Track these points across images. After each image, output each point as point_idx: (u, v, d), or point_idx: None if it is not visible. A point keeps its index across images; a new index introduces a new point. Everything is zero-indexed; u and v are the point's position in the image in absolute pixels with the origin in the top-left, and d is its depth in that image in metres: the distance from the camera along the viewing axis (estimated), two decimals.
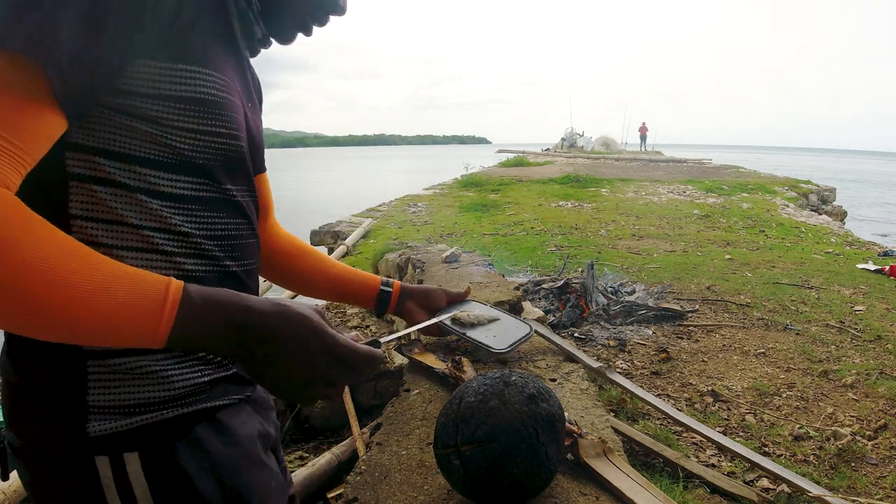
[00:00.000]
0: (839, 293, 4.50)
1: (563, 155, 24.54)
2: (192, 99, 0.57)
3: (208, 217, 0.64)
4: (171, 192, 0.60)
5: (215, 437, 0.65)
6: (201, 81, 0.58)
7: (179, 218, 0.61)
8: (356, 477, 0.97)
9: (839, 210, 11.75)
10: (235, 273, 0.68)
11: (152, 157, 0.58)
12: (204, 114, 0.59)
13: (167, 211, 0.60)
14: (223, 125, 0.61)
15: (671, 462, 2.19)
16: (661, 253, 5.85)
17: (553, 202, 9.61)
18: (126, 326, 0.47)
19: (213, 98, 0.59)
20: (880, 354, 3.32)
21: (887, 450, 2.39)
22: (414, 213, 8.52)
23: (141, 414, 0.59)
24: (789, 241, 6.70)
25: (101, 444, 0.58)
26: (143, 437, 0.59)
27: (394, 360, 3.01)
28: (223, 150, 0.63)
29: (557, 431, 0.83)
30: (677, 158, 22.54)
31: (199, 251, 0.63)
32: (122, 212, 0.57)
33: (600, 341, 3.48)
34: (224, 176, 0.65)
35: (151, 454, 0.59)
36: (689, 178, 13.58)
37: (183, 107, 0.57)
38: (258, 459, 0.70)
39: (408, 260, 3.69)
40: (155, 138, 0.57)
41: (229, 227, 0.67)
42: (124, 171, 0.57)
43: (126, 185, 0.57)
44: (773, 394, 2.88)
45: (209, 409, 0.64)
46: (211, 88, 0.59)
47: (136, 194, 0.58)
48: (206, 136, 0.60)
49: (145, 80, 0.54)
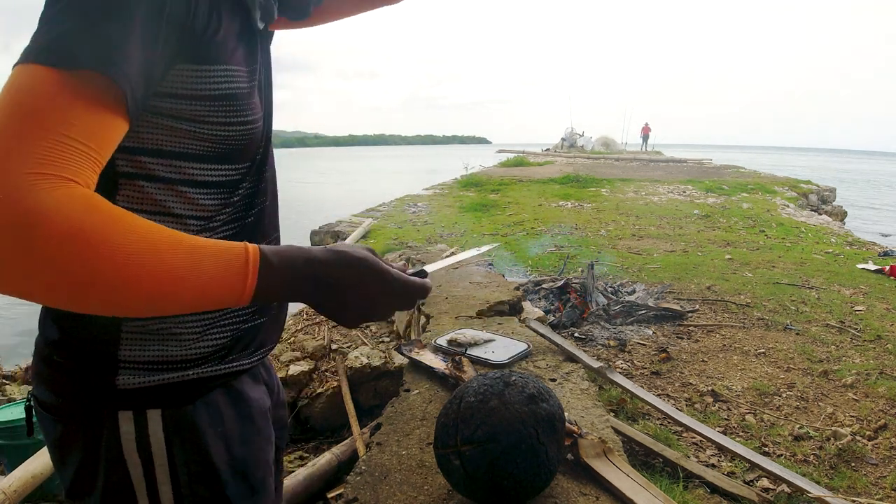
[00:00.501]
0: (839, 293, 4.50)
1: (563, 155, 24.54)
2: (222, 95, 0.62)
3: (240, 198, 0.70)
4: (207, 180, 0.66)
5: (231, 405, 0.70)
6: (227, 78, 0.63)
7: (216, 203, 0.67)
8: (356, 477, 0.97)
9: (839, 210, 11.75)
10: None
11: (190, 150, 0.63)
12: (232, 107, 0.64)
13: (204, 198, 0.66)
14: (249, 114, 0.66)
15: (671, 462, 2.19)
16: (661, 253, 5.85)
17: (553, 202, 9.61)
18: (219, 294, 0.53)
19: (238, 91, 0.64)
20: (880, 354, 3.32)
21: (887, 450, 2.39)
22: (414, 213, 8.52)
23: (166, 372, 0.64)
24: (789, 241, 6.70)
25: (127, 397, 0.63)
26: (166, 395, 0.64)
27: (394, 360, 3.01)
28: (249, 136, 0.68)
29: (557, 431, 0.82)
30: (677, 158, 22.55)
31: (233, 230, 0.69)
32: (166, 203, 0.63)
33: (600, 341, 3.49)
34: (249, 157, 0.70)
35: (172, 413, 0.64)
36: (689, 178, 13.59)
37: (215, 104, 0.62)
38: (267, 437, 0.75)
39: (408, 260, 3.69)
40: (192, 134, 0.62)
41: (257, 203, 0.73)
42: (165, 166, 0.62)
43: (167, 179, 0.63)
44: (773, 394, 2.88)
45: (228, 375, 0.69)
46: (234, 83, 0.63)
47: (177, 186, 0.63)
48: (236, 127, 0.65)
49: (180, 83, 0.59)
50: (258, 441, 0.72)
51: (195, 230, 0.66)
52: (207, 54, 0.60)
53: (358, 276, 0.60)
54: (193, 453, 0.65)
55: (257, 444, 0.72)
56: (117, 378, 0.62)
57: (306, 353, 3.25)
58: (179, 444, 0.64)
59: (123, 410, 0.63)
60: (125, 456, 0.62)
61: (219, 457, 0.66)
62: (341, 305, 0.61)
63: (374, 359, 3.13)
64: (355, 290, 0.60)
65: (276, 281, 0.56)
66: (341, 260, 0.60)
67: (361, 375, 3.03)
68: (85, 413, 0.63)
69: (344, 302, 0.60)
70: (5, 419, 2.44)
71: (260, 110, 0.70)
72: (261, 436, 0.73)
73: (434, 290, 2.32)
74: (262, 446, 0.73)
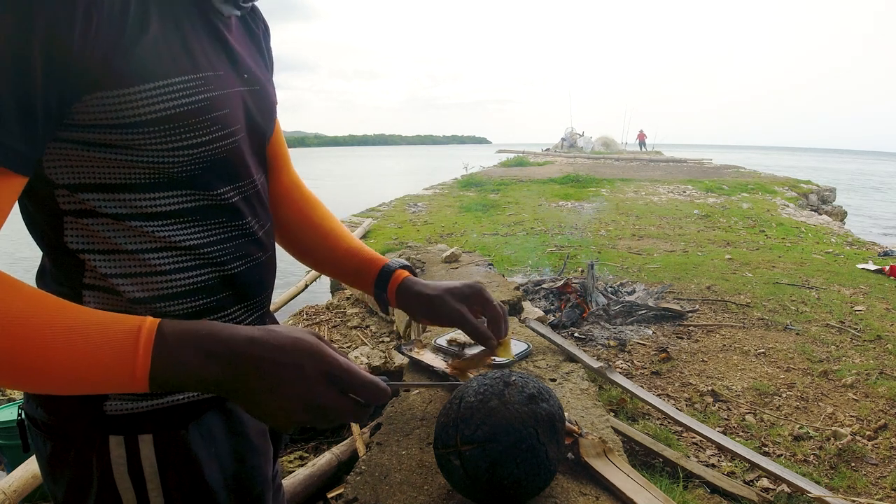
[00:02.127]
0: (839, 293, 4.50)
1: (563, 155, 24.54)
2: (158, 119, 0.53)
3: (206, 225, 0.62)
4: (158, 210, 0.58)
5: (225, 425, 0.67)
6: (162, 97, 0.53)
7: (175, 234, 0.60)
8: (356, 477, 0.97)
9: (839, 210, 11.75)
10: (241, 272, 0.67)
11: (135, 181, 0.56)
12: (174, 129, 0.55)
13: (161, 231, 0.59)
14: (202, 133, 0.57)
15: (671, 462, 2.19)
16: (661, 253, 5.85)
17: (553, 202, 9.61)
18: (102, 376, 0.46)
19: (180, 110, 0.55)
20: (880, 354, 3.32)
21: (887, 450, 2.39)
22: (414, 212, 8.52)
23: (155, 397, 0.61)
24: (789, 241, 6.70)
25: (116, 423, 0.60)
26: (156, 420, 0.61)
27: (394, 360, 3.01)
28: (208, 156, 0.59)
29: (558, 431, 0.83)
30: (677, 158, 22.54)
31: (201, 262, 0.63)
32: (115, 240, 0.57)
33: (600, 341, 3.49)
34: (216, 179, 0.62)
35: (164, 438, 0.61)
36: (689, 178, 13.59)
37: (149, 129, 0.53)
38: (263, 452, 0.72)
39: (408, 260, 3.70)
40: (132, 164, 0.55)
41: (231, 228, 0.65)
42: (107, 200, 0.56)
43: (113, 214, 0.56)
44: (773, 394, 2.88)
45: (220, 398, 0.65)
46: (174, 101, 0.54)
47: (126, 221, 0.57)
48: (184, 151, 0.57)
49: (101, 112, 0.51)
50: (254, 459, 0.70)
51: (166, 268, 0.59)
52: (128, 73, 0.50)
53: (293, 360, 0.50)
54: (187, 475, 0.63)
55: (253, 461, 0.69)
56: (105, 404, 0.60)
57: None
58: (172, 467, 0.62)
59: (114, 435, 0.60)
60: (116, 479, 0.60)
61: (213, 477, 0.64)
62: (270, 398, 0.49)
63: (374, 358, 3.13)
64: (287, 378, 0.49)
65: (176, 364, 0.47)
66: (271, 339, 0.50)
67: None
68: (75, 435, 0.61)
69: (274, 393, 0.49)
70: (5, 419, 2.44)
71: (230, 122, 0.60)
72: (257, 453, 0.70)
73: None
74: (259, 463, 0.70)
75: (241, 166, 0.65)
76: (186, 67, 0.55)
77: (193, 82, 0.55)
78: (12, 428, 2.41)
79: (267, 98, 0.70)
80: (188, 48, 0.56)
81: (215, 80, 0.58)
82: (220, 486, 0.65)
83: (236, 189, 0.65)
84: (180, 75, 0.54)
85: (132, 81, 0.51)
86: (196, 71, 0.56)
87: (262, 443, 0.72)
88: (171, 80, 0.53)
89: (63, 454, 0.61)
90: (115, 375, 0.46)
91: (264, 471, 0.72)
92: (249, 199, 0.67)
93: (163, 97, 0.53)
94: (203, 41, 0.59)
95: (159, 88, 0.52)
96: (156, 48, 0.52)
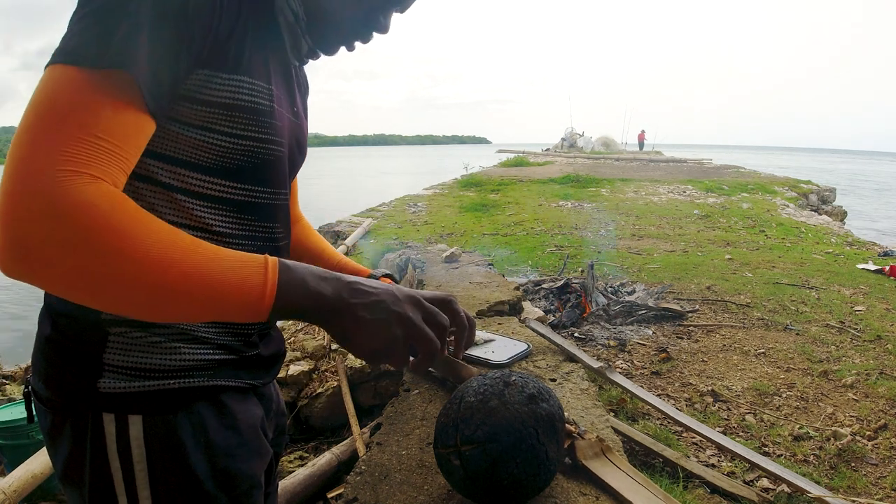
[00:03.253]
0: (839, 293, 4.50)
1: (563, 155, 24.54)
2: (236, 105, 0.62)
3: (240, 218, 0.69)
4: (205, 192, 0.65)
5: (216, 417, 0.68)
6: (242, 90, 0.63)
7: (212, 217, 0.66)
8: (356, 477, 0.97)
9: (839, 210, 11.76)
10: None
11: (193, 159, 0.63)
12: (244, 120, 0.63)
13: (200, 210, 0.65)
14: (261, 130, 0.66)
15: (671, 462, 2.19)
16: (661, 253, 5.85)
17: (553, 202, 9.61)
18: (237, 298, 0.52)
19: (252, 105, 0.64)
20: (880, 354, 3.32)
21: (887, 450, 2.39)
22: (414, 212, 8.52)
23: (148, 379, 0.64)
24: (789, 241, 6.70)
25: (109, 401, 0.63)
26: (147, 402, 0.64)
27: None
28: (259, 154, 0.67)
29: (557, 431, 0.83)
30: (677, 158, 22.55)
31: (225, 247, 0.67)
32: (158, 207, 0.63)
33: (600, 341, 3.49)
34: (258, 179, 0.69)
35: (153, 420, 0.64)
36: (689, 178, 13.59)
37: (226, 113, 0.62)
38: (255, 449, 0.73)
39: (408, 260, 3.69)
40: (197, 142, 0.62)
41: (260, 228, 0.72)
42: (165, 170, 0.62)
43: (165, 184, 0.63)
44: (773, 394, 2.88)
45: (213, 388, 0.68)
46: (249, 95, 0.63)
47: (173, 193, 0.63)
48: (245, 141, 0.65)
49: (195, 87, 0.60)
50: (243, 454, 0.71)
51: None
52: (227, 61, 0.61)
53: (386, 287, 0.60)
54: (174, 462, 0.65)
55: (242, 456, 0.71)
56: (100, 381, 0.63)
57: (306, 353, 3.25)
58: (160, 451, 0.64)
59: (106, 413, 0.63)
60: (108, 455, 0.63)
61: (200, 467, 0.66)
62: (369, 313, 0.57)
63: None
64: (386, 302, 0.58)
65: (296, 286, 0.55)
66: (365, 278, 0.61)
67: (361, 375, 3.03)
68: (72, 409, 0.64)
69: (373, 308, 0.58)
70: (5, 419, 2.44)
71: (281, 135, 0.69)
72: (247, 448, 0.72)
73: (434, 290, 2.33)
74: (248, 459, 0.72)
75: (282, 175, 0.73)
76: (263, 76, 0.66)
77: (266, 89, 0.66)
78: (12, 428, 2.41)
79: (303, 135, 0.80)
80: (267, 66, 0.67)
81: (278, 97, 0.69)
82: (207, 475, 0.66)
83: (273, 194, 0.72)
84: (259, 80, 0.65)
85: (231, 69, 0.61)
86: (269, 82, 0.67)
87: (253, 439, 0.73)
88: (253, 80, 0.64)
89: (61, 426, 0.65)
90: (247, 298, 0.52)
91: (254, 468, 0.72)
92: (281, 207, 0.75)
93: (243, 90, 0.63)
94: (277, 70, 0.70)
95: (244, 82, 0.63)
96: (249, 53, 0.63)
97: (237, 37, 0.61)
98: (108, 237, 0.47)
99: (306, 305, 0.56)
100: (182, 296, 0.50)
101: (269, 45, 0.68)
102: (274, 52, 0.69)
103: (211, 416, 0.68)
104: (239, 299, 0.52)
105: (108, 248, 0.47)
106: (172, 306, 0.51)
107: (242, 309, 0.52)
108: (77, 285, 0.48)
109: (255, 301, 0.52)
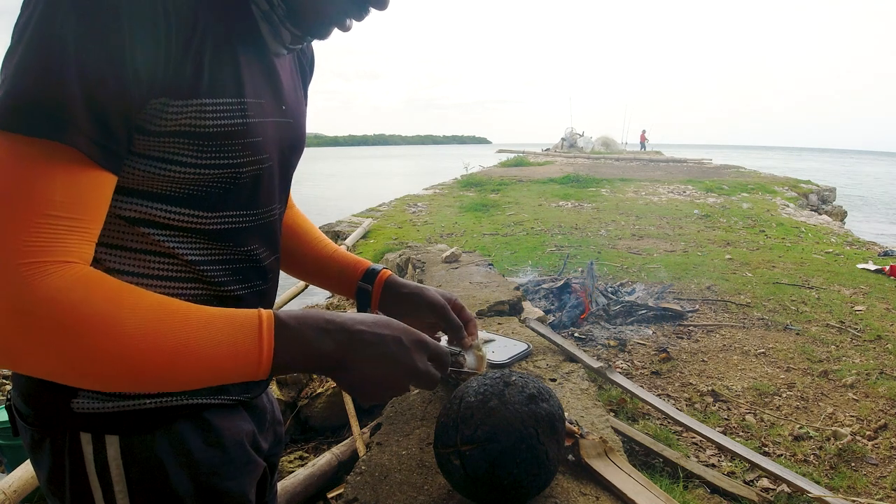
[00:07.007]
0: (839, 293, 4.50)
1: (563, 155, 24.54)
2: (190, 133, 0.56)
3: (214, 246, 0.64)
4: (171, 223, 0.60)
5: (198, 435, 0.66)
6: (204, 114, 0.56)
7: (182, 248, 0.62)
8: (356, 477, 0.97)
9: (839, 210, 11.75)
10: (239, 296, 0.68)
11: (152, 190, 0.58)
12: (206, 147, 0.57)
13: (168, 241, 0.61)
14: (232, 155, 0.60)
15: (671, 462, 2.19)
16: (661, 253, 5.85)
17: (553, 202, 9.61)
18: (234, 364, 0.50)
19: (217, 130, 0.57)
20: (880, 354, 3.32)
21: (887, 450, 2.39)
22: (414, 213, 8.52)
23: (122, 399, 0.62)
24: (789, 240, 6.70)
25: (85, 420, 0.61)
26: (123, 422, 0.62)
27: None
28: (232, 179, 0.61)
29: (558, 431, 0.82)
30: (677, 158, 22.55)
31: (197, 277, 0.64)
32: (123, 239, 0.60)
33: (600, 341, 3.48)
34: (234, 205, 0.64)
35: (130, 441, 0.62)
36: (689, 178, 13.59)
37: (181, 141, 0.56)
38: (242, 465, 0.70)
39: (408, 260, 3.69)
40: (155, 174, 0.57)
41: (240, 252, 0.67)
42: (124, 203, 0.58)
43: (126, 218, 0.59)
44: (773, 394, 2.88)
45: (194, 407, 0.66)
46: (214, 119, 0.57)
47: (136, 227, 0.59)
48: (208, 170, 0.59)
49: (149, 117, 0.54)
50: (230, 471, 0.68)
51: (164, 274, 0.62)
52: (182, 87, 0.54)
53: (394, 334, 0.59)
54: (154, 481, 0.63)
55: (228, 474, 0.68)
56: (74, 400, 0.61)
57: None
58: (139, 472, 0.62)
59: (83, 432, 0.61)
60: (87, 474, 0.61)
61: (182, 487, 0.64)
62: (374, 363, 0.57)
63: None
64: (391, 349, 0.58)
65: (295, 344, 0.53)
66: (370, 318, 0.59)
67: None
68: (50, 428, 0.63)
69: (379, 359, 0.58)
70: (5, 419, 2.44)
71: (261, 151, 0.63)
72: (233, 465, 0.69)
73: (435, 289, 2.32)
74: (235, 476, 0.69)
75: (263, 194, 0.67)
76: (231, 90, 0.58)
77: (236, 105, 0.59)
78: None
79: (297, 131, 0.73)
80: (238, 75, 0.59)
81: (255, 106, 0.61)
82: (190, 494, 0.64)
83: (251, 216, 0.67)
84: (225, 96, 0.57)
85: (188, 94, 0.54)
86: (239, 96, 0.59)
87: (240, 455, 0.70)
88: (217, 100, 0.57)
89: (41, 443, 0.64)
90: (244, 362, 0.51)
91: (243, 485, 0.70)
92: (263, 227, 0.69)
93: (206, 114, 0.56)
94: (254, 69, 0.62)
95: (206, 106, 0.56)
96: (211, 67, 0.56)
97: (193, 53, 0.54)
98: (82, 328, 0.46)
99: (308, 365, 0.55)
100: (173, 373, 0.49)
101: (242, 40, 0.60)
102: (248, 48, 0.62)
103: (193, 434, 0.65)
104: (234, 367, 0.51)
105: (85, 338, 0.46)
106: (165, 383, 0.49)
107: (239, 375, 0.51)
108: (62, 373, 0.47)
109: (252, 367, 0.51)
